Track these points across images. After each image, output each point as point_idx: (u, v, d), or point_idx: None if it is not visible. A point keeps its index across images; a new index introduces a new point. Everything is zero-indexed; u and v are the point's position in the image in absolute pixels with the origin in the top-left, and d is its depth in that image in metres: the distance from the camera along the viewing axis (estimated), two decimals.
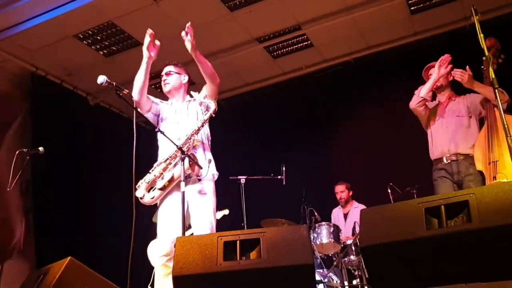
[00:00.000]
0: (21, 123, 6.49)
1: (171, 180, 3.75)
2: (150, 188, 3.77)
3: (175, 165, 3.78)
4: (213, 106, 3.99)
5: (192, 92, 4.11)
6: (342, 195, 6.57)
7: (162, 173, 3.79)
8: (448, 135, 4.50)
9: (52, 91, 6.96)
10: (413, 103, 4.65)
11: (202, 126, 3.93)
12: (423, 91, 4.58)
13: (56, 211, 6.33)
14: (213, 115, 4.02)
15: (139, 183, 3.78)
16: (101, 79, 3.45)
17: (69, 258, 3.24)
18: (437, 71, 4.51)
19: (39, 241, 6.25)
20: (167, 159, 3.79)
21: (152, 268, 5.47)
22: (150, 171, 3.81)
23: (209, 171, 3.83)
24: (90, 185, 6.84)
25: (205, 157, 3.90)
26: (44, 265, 3.48)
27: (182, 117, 4.04)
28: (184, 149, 3.66)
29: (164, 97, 4.24)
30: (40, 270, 3.48)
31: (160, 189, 3.75)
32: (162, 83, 4.18)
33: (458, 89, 4.62)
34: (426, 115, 4.67)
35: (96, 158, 6.99)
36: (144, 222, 3.78)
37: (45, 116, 6.61)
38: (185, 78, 4.19)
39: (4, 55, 6.32)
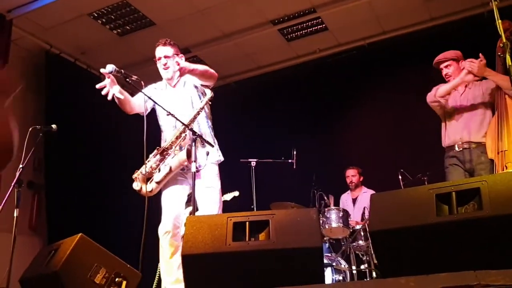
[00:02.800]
0: (34, 100, 6.53)
1: (168, 173, 3.70)
2: (147, 179, 3.72)
3: (173, 156, 3.72)
4: (209, 93, 3.84)
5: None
6: (353, 179, 6.57)
7: (158, 165, 3.72)
8: (462, 123, 4.45)
9: (65, 70, 6.97)
10: (429, 100, 4.60)
11: (198, 114, 3.73)
12: (440, 91, 4.49)
13: (68, 188, 6.40)
14: (209, 103, 3.89)
15: (135, 175, 3.75)
16: (110, 67, 3.45)
17: (80, 234, 3.28)
18: (462, 76, 4.33)
19: (50, 217, 6.33)
20: (164, 150, 3.72)
21: None
22: (146, 161, 3.71)
23: (207, 161, 3.73)
24: (102, 163, 6.87)
25: (203, 149, 3.74)
26: (56, 241, 3.52)
27: (177, 103, 3.87)
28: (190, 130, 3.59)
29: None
30: (51, 246, 3.52)
31: (157, 182, 3.71)
32: (161, 67, 3.90)
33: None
34: (441, 110, 4.61)
35: (108, 136, 7.01)
36: (156, 203, 3.81)
37: (58, 94, 6.64)
38: (182, 58, 3.92)
39: (19, 32, 6.33)
